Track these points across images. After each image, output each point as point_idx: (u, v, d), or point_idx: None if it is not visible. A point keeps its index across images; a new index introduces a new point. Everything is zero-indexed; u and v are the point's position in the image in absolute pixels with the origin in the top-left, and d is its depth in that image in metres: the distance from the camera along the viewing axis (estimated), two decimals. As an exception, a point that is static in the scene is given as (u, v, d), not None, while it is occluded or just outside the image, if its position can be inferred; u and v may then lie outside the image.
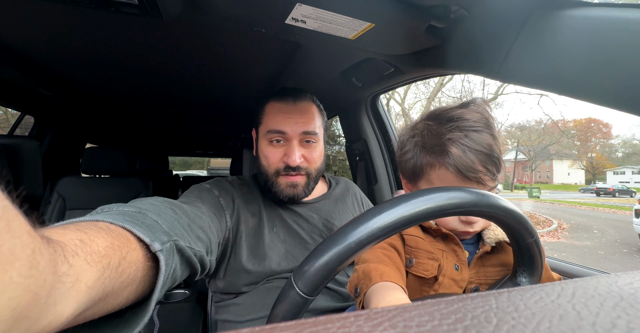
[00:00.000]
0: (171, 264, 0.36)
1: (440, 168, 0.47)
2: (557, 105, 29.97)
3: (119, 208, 0.38)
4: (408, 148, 0.52)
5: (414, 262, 0.49)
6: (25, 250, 0.16)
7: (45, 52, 1.04)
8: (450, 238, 0.50)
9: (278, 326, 0.11)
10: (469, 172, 0.44)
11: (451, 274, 0.48)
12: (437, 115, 0.51)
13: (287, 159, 0.67)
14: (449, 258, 0.49)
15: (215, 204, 0.65)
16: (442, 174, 0.47)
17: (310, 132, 0.69)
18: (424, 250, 0.49)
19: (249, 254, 0.66)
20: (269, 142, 0.69)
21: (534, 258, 0.43)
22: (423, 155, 0.49)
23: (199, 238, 0.48)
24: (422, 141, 0.49)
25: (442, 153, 0.46)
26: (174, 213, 0.44)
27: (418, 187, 0.52)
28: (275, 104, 0.71)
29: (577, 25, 0.52)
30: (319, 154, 0.72)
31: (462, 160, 0.45)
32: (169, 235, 0.38)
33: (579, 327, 0.11)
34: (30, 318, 0.17)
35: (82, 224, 0.29)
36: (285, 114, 0.69)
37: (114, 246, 0.28)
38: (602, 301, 0.13)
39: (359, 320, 0.11)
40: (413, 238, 0.50)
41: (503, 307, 0.12)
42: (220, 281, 0.66)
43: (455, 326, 0.11)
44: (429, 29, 0.69)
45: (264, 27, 0.69)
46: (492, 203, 0.37)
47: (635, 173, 32.76)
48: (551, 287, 0.15)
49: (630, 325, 0.11)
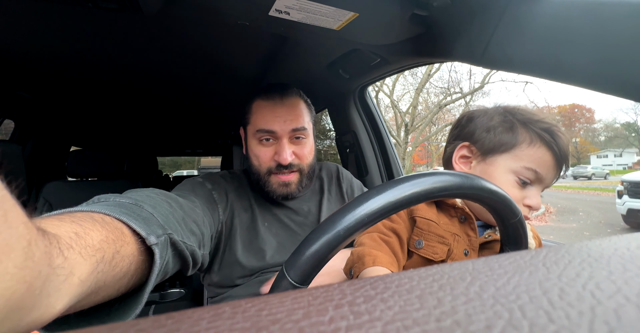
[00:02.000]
0: (164, 257, 0.36)
1: (540, 147, 0.47)
2: (541, 92, 30.52)
3: (116, 199, 0.38)
4: (500, 122, 0.50)
5: (424, 244, 0.48)
6: (21, 241, 0.16)
7: (22, 51, 1.00)
8: (469, 221, 0.49)
9: (264, 296, 0.12)
10: (565, 160, 0.47)
11: (460, 259, 0.48)
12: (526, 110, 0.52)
13: (278, 157, 0.67)
14: (460, 243, 0.48)
15: (208, 198, 0.65)
16: (539, 153, 0.47)
17: (299, 129, 0.68)
18: (435, 233, 0.49)
19: (243, 248, 0.66)
20: (259, 141, 0.69)
21: (519, 237, 0.44)
22: (523, 130, 0.48)
23: (192, 232, 0.48)
24: (524, 119, 0.49)
25: (550, 133, 0.47)
26: (169, 206, 0.44)
27: (491, 161, 0.50)
28: (262, 103, 0.70)
29: (557, 10, 0.53)
30: (309, 150, 0.72)
31: (566, 147, 0.47)
32: (163, 228, 0.38)
33: (547, 278, 0.12)
34: (24, 309, 0.18)
35: (77, 215, 0.29)
36: (273, 112, 0.68)
37: (108, 240, 0.28)
38: (570, 259, 0.14)
39: (342, 286, 0.12)
40: (425, 221, 0.49)
41: (478, 268, 0.13)
42: (214, 274, 0.66)
43: (432, 284, 0.12)
44: (413, 18, 0.70)
45: (248, 20, 0.68)
46: (477, 185, 0.38)
47: (617, 157, 33.82)
48: (526, 252, 0.16)
49: (592, 274, 0.12)
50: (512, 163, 0.48)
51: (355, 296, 0.11)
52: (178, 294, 1.48)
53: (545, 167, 0.47)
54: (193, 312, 0.11)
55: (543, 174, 0.47)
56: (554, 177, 0.49)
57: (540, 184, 0.49)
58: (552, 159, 0.47)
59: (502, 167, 0.49)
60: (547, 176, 0.48)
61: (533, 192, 0.48)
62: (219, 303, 0.11)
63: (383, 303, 0.10)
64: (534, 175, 0.47)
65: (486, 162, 0.50)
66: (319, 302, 0.11)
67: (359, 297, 0.11)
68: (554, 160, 0.47)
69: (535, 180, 0.48)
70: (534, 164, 0.47)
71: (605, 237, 0.17)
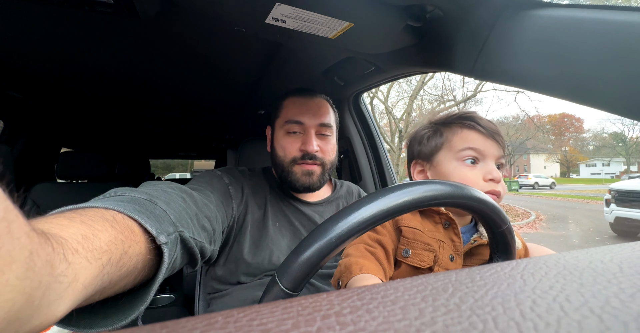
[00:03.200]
0: (173, 255, 0.37)
1: (463, 131, 0.53)
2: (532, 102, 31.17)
3: (131, 194, 0.38)
4: (426, 132, 0.58)
5: (411, 252, 0.50)
6: (24, 252, 0.16)
7: (15, 52, 0.99)
8: (452, 226, 0.52)
9: (256, 305, 0.12)
10: (491, 130, 0.52)
11: (446, 264, 0.49)
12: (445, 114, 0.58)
13: (304, 146, 0.70)
14: (446, 249, 0.50)
15: (224, 192, 0.66)
16: (464, 134, 0.53)
17: (326, 124, 0.73)
18: (421, 242, 0.51)
19: (251, 245, 0.67)
20: (286, 132, 0.73)
21: (507, 245, 0.45)
22: (445, 128, 0.55)
23: (203, 228, 0.49)
24: (443, 120, 0.56)
25: (466, 117, 0.54)
26: (183, 202, 0.45)
27: (436, 162, 0.55)
28: (294, 98, 0.76)
29: (544, 25, 0.55)
30: (332, 147, 0.76)
31: (486, 121, 0.53)
32: (175, 225, 0.39)
33: (522, 290, 0.13)
34: (22, 320, 0.17)
35: (88, 214, 0.29)
36: (304, 106, 0.74)
37: (117, 240, 0.28)
38: (547, 271, 0.15)
39: (330, 296, 0.13)
40: (411, 230, 0.51)
41: (461, 280, 0.14)
42: (219, 268, 0.66)
43: (415, 296, 0.12)
44: (407, 29, 0.72)
45: (244, 27, 0.69)
46: (467, 195, 0.39)
47: (605, 165, 34.58)
48: (508, 263, 0.17)
49: (564, 286, 0.13)
50: (450, 153, 0.54)
51: (342, 307, 0.11)
52: (168, 300, 1.46)
53: (478, 142, 0.52)
54: (187, 321, 0.11)
55: (480, 148, 0.52)
56: (496, 147, 0.53)
57: (488, 157, 0.52)
58: (479, 134, 0.53)
59: (445, 161, 0.54)
60: (485, 148, 0.52)
61: (488, 167, 0.52)
62: (211, 313, 0.12)
63: (368, 314, 0.11)
64: (473, 152, 0.52)
65: (434, 165, 0.56)
66: (308, 312, 0.11)
67: (345, 308, 0.11)
68: (481, 134, 0.52)
69: (479, 155, 0.52)
70: (466, 143, 0.52)
71: (592, 245, 0.18)
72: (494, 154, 0.53)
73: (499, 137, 0.53)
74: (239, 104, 1.65)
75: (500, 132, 0.53)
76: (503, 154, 0.54)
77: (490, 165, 0.52)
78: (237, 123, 2.03)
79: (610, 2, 8.98)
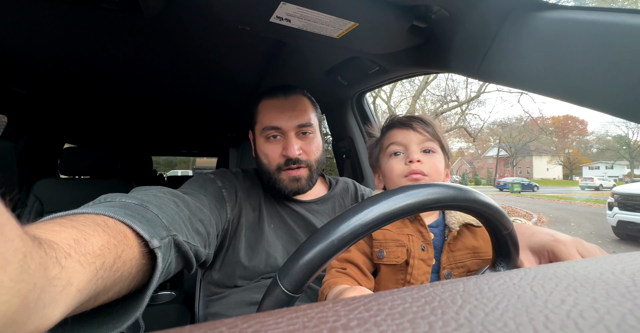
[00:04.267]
0: (167, 259, 0.36)
1: (387, 132, 0.61)
2: (536, 103, 31.04)
3: (121, 199, 0.38)
4: (371, 145, 0.67)
5: (385, 252, 0.52)
6: (17, 254, 0.16)
7: (19, 48, 0.99)
8: (418, 219, 0.55)
9: (260, 314, 0.12)
10: (405, 121, 0.59)
11: (419, 255, 0.52)
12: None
13: (285, 152, 0.68)
14: (415, 241, 0.53)
15: (218, 195, 0.65)
16: (389, 134, 0.61)
17: (304, 124, 0.70)
18: (392, 239, 0.53)
19: (247, 248, 0.66)
20: (266, 139, 0.70)
21: (510, 248, 0.45)
22: (381, 136, 0.64)
23: (197, 232, 0.48)
24: (380, 130, 0.65)
25: (389, 121, 0.63)
26: (175, 206, 0.45)
27: (380, 165, 0.63)
28: (266, 101, 0.72)
29: (550, 26, 0.54)
30: (316, 145, 0.73)
31: (406, 117, 0.61)
32: (168, 229, 0.38)
33: (533, 304, 0.12)
34: (18, 323, 0.17)
35: (79, 220, 0.29)
36: (278, 109, 0.70)
37: (110, 245, 0.28)
38: (557, 282, 0.15)
39: (337, 306, 0.12)
40: (380, 231, 0.53)
41: (469, 291, 0.14)
42: (215, 272, 0.66)
43: (424, 307, 0.12)
44: (412, 29, 0.71)
45: (248, 25, 0.69)
46: (471, 198, 0.39)
47: (608, 168, 34.38)
48: (516, 272, 0.16)
49: (577, 300, 0.13)
50: (383, 154, 0.62)
51: (349, 319, 0.11)
52: (169, 297, 1.46)
53: (398, 136, 0.59)
54: (190, 330, 0.11)
55: (400, 140, 0.59)
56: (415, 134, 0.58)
57: (411, 145, 0.58)
58: (397, 129, 0.60)
59: (383, 162, 0.62)
60: (404, 138, 0.58)
61: (408, 153, 0.58)
62: (214, 322, 0.11)
63: (376, 328, 0.11)
64: (396, 145, 0.59)
65: (380, 169, 0.63)
66: (314, 324, 0.11)
67: (352, 320, 0.11)
68: (398, 128, 0.60)
69: (401, 146, 0.59)
70: (390, 140, 0.60)
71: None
72: (414, 140, 0.58)
73: (419, 124, 0.58)
74: (241, 103, 1.65)
75: (423, 120, 0.60)
76: (428, 138, 0.58)
77: (411, 151, 0.57)
78: (240, 121, 2.03)
79: (617, 4, 8.90)
